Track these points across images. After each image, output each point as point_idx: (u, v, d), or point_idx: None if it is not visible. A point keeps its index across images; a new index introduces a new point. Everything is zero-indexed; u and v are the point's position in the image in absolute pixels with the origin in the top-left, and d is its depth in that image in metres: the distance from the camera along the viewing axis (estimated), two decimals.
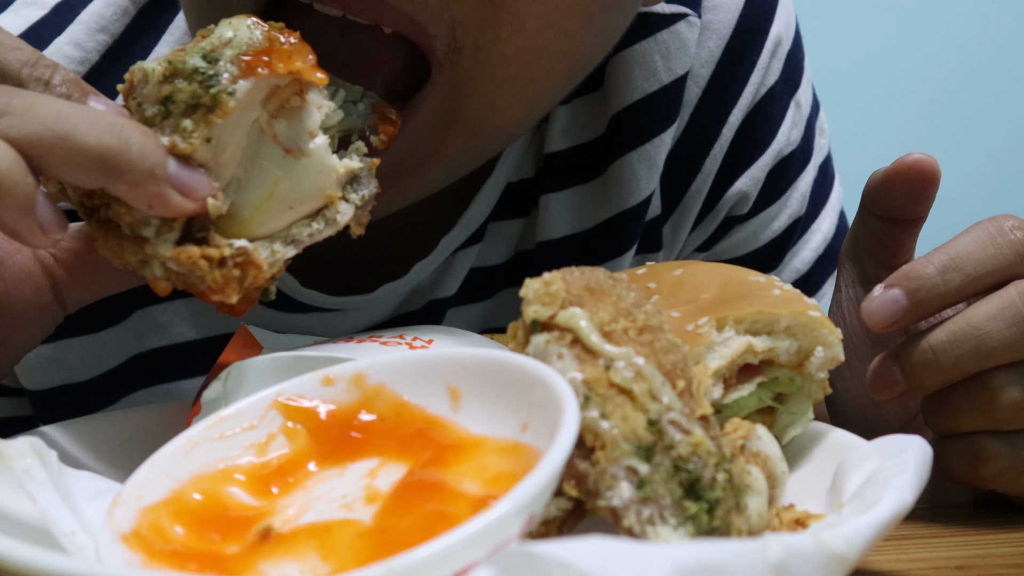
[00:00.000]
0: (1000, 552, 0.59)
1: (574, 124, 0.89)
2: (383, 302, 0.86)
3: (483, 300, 0.91)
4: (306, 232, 0.61)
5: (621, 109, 0.88)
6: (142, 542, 0.47)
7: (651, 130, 0.88)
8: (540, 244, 0.89)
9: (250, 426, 0.53)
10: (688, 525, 0.47)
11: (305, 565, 0.45)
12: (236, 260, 0.57)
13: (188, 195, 0.55)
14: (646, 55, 0.87)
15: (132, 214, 0.55)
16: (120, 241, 0.57)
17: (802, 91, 0.94)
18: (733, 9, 0.89)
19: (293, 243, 0.60)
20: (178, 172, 0.55)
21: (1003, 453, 0.65)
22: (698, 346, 0.60)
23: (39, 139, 0.52)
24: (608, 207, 0.89)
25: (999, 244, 0.64)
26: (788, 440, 0.63)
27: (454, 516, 0.45)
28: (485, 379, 0.51)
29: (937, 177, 0.69)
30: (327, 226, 0.61)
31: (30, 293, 0.63)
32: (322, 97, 0.61)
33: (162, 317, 0.86)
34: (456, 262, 0.88)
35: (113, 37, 0.83)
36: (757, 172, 0.92)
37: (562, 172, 0.89)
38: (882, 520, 0.45)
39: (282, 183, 0.60)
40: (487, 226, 0.88)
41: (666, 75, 0.87)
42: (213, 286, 0.57)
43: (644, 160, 0.88)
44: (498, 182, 0.87)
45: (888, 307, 0.65)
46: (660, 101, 0.88)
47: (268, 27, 0.59)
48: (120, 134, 0.53)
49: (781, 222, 0.95)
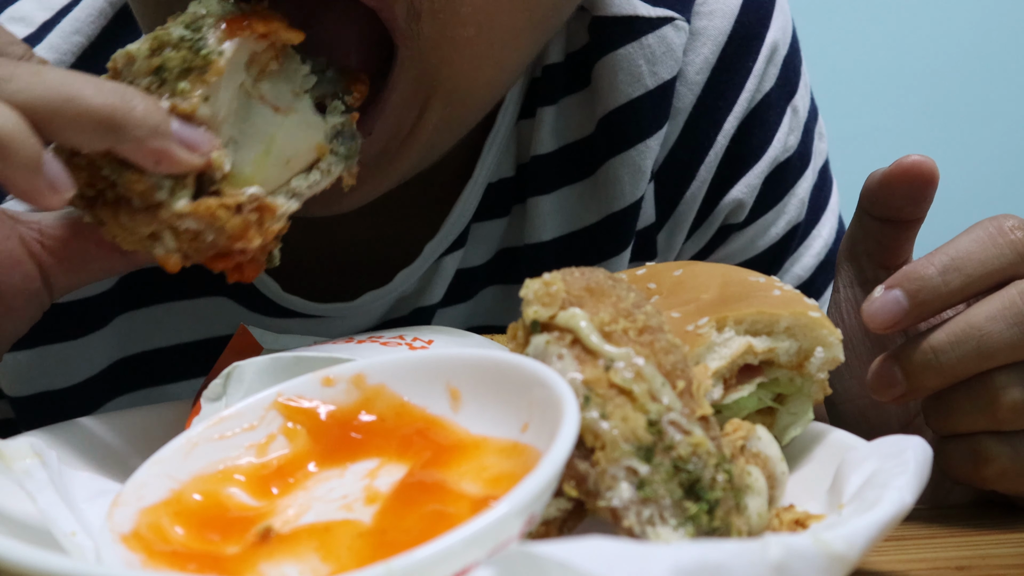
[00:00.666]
0: (1000, 552, 0.59)
1: (563, 124, 0.88)
2: (367, 310, 0.86)
3: (465, 300, 0.91)
4: (305, 184, 0.63)
5: (608, 112, 0.87)
6: (142, 542, 0.47)
7: (636, 135, 0.87)
8: (529, 245, 0.89)
9: (250, 426, 0.53)
10: (688, 526, 0.47)
11: (305, 566, 0.45)
12: (251, 206, 0.59)
13: (194, 150, 0.57)
14: (631, 59, 0.86)
15: (144, 181, 0.56)
16: (132, 216, 0.58)
17: (799, 97, 0.93)
18: (728, 15, 0.88)
19: (295, 196, 0.63)
20: (181, 129, 0.57)
21: (1004, 454, 0.65)
22: (698, 347, 0.60)
23: (45, 102, 0.53)
24: (597, 209, 0.89)
25: (999, 244, 0.64)
26: (788, 441, 0.63)
27: (454, 517, 0.45)
28: (485, 380, 0.51)
29: (935, 179, 0.69)
30: (323, 177, 0.64)
31: (19, 280, 0.63)
32: (296, 63, 0.63)
33: (144, 321, 0.86)
34: (441, 268, 0.87)
35: (88, 39, 0.83)
36: (753, 179, 0.91)
37: (551, 173, 0.88)
38: (882, 521, 0.45)
39: (276, 139, 0.62)
40: (469, 229, 0.88)
41: (651, 80, 0.86)
42: (234, 233, 0.58)
43: (628, 165, 0.87)
44: (478, 184, 0.86)
45: (889, 308, 0.65)
46: (646, 106, 0.87)
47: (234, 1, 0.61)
48: (124, 96, 0.55)
49: (779, 229, 0.94)
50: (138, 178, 0.56)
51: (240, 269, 0.61)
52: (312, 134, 0.64)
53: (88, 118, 0.54)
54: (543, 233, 0.88)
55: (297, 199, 0.63)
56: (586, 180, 0.89)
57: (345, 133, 0.65)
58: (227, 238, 0.58)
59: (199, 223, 0.58)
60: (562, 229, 0.89)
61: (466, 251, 0.89)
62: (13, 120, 0.52)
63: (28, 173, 0.53)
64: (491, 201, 0.88)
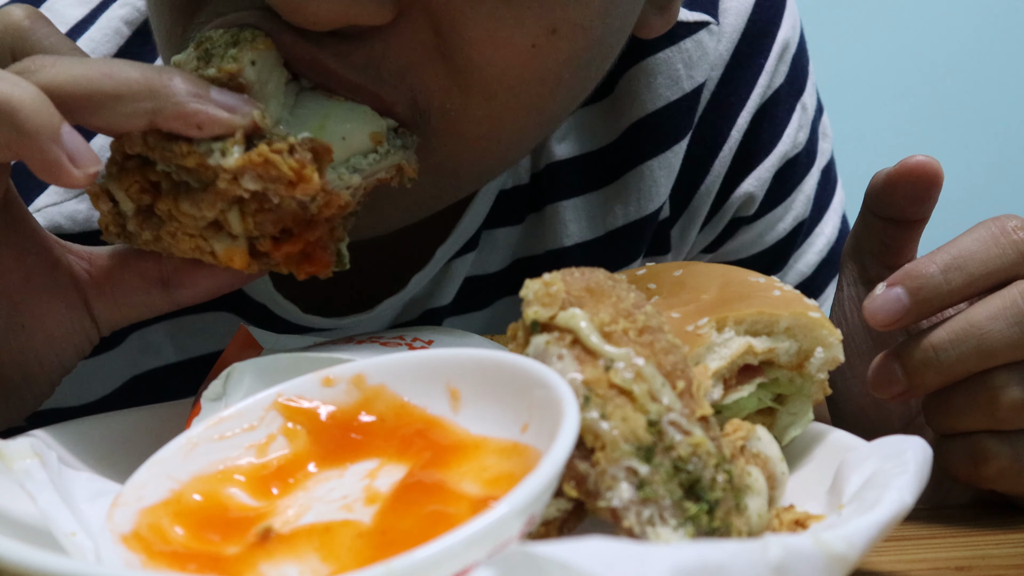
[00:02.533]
0: (1001, 553, 0.59)
1: (581, 133, 0.89)
2: (382, 317, 0.86)
3: (481, 309, 0.91)
4: (364, 164, 0.61)
5: (641, 117, 0.88)
6: (142, 543, 0.47)
7: (672, 137, 0.89)
8: (550, 252, 0.89)
9: (250, 427, 0.53)
10: (688, 526, 0.47)
11: (305, 566, 0.45)
12: (305, 147, 0.58)
13: (234, 112, 0.56)
14: (670, 64, 0.88)
15: (194, 153, 0.56)
16: (193, 200, 0.57)
17: (807, 94, 0.95)
18: (742, 12, 0.90)
19: (357, 171, 0.60)
20: (220, 94, 0.57)
21: (1004, 453, 0.65)
22: (698, 347, 0.60)
23: (86, 78, 0.54)
24: (625, 214, 0.90)
25: (1002, 244, 0.64)
26: (788, 441, 0.63)
27: (454, 517, 0.45)
28: (485, 380, 0.51)
29: (940, 179, 0.69)
30: (382, 158, 0.61)
31: (63, 309, 0.63)
32: None
33: (157, 338, 0.86)
34: (451, 271, 0.87)
35: None
36: (763, 173, 0.93)
37: (569, 180, 0.89)
38: (882, 521, 0.45)
39: (331, 115, 0.60)
40: (480, 234, 0.88)
41: (688, 83, 0.88)
42: (292, 176, 0.56)
43: (665, 167, 0.89)
44: (490, 190, 0.87)
45: (890, 306, 0.65)
46: (682, 109, 0.88)
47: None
48: (161, 70, 0.55)
49: (786, 224, 0.95)
50: (188, 149, 0.56)
51: (310, 259, 0.60)
52: (368, 122, 0.61)
53: (127, 89, 0.54)
54: (564, 239, 0.89)
55: (360, 174, 0.60)
56: (611, 185, 0.90)
57: (400, 133, 0.63)
58: (286, 186, 0.57)
59: (256, 178, 0.56)
60: (586, 235, 0.90)
61: (480, 257, 0.89)
62: (31, 92, 0.52)
63: (45, 142, 0.52)
64: (504, 207, 0.88)
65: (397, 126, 0.63)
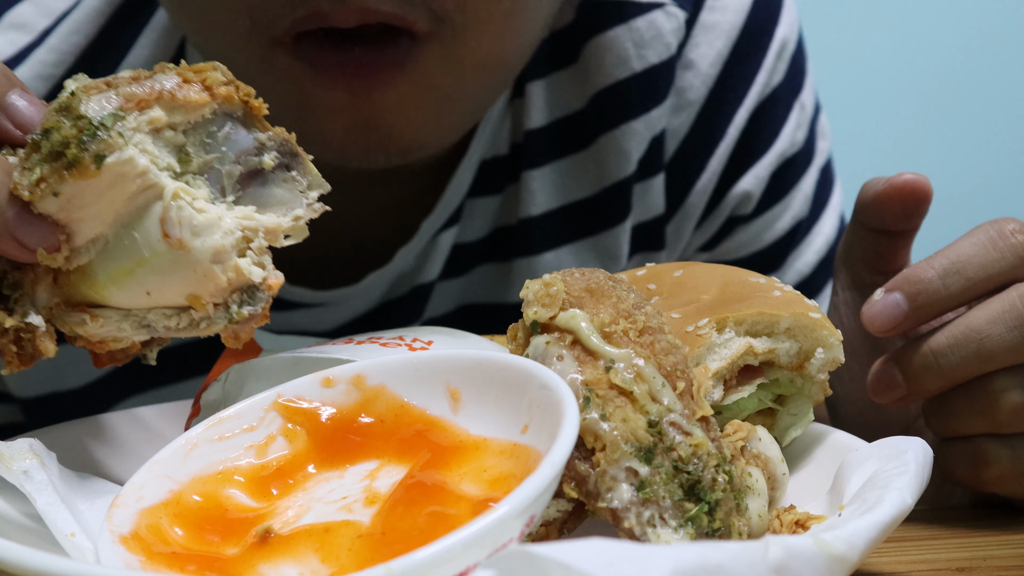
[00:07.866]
0: (1001, 554, 0.59)
1: (553, 98, 0.90)
2: (368, 292, 0.87)
3: (459, 276, 0.92)
4: (162, 324, 0.56)
5: (599, 90, 0.89)
6: (141, 544, 0.47)
7: (625, 115, 0.90)
8: (522, 221, 0.90)
9: (250, 427, 0.53)
10: (688, 526, 0.47)
11: (305, 567, 0.45)
12: (20, 334, 0.54)
13: (23, 243, 0.52)
14: (618, 42, 0.88)
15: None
16: None
17: (805, 93, 0.95)
18: (740, 10, 0.90)
19: (146, 328, 0.56)
20: (17, 218, 0.52)
21: (1004, 456, 0.64)
22: (698, 347, 0.60)
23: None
24: (591, 182, 0.91)
25: (1000, 248, 0.64)
26: (788, 442, 0.63)
27: (454, 518, 0.45)
28: (485, 381, 0.51)
29: (929, 196, 0.69)
30: (189, 327, 0.56)
31: None
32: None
33: None
34: (437, 245, 0.89)
35: (87, 39, 0.84)
36: (761, 172, 0.93)
37: (543, 147, 0.90)
38: (883, 522, 0.45)
39: (145, 266, 0.54)
40: (464, 205, 0.89)
41: (639, 63, 0.89)
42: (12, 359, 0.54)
43: (622, 139, 0.90)
44: (472, 160, 0.88)
45: (889, 311, 0.65)
46: (633, 88, 0.89)
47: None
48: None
49: (784, 223, 0.95)
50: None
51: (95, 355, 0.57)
52: (195, 280, 0.54)
53: None
54: (532, 208, 0.90)
55: (148, 332, 0.56)
56: (580, 153, 0.91)
57: (256, 296, 0.56)
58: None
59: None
60: (553, 203, 0.91)
61: (462, 226, 0.90)
62: None
63: None
64: (485, 177, 0.89)
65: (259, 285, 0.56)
